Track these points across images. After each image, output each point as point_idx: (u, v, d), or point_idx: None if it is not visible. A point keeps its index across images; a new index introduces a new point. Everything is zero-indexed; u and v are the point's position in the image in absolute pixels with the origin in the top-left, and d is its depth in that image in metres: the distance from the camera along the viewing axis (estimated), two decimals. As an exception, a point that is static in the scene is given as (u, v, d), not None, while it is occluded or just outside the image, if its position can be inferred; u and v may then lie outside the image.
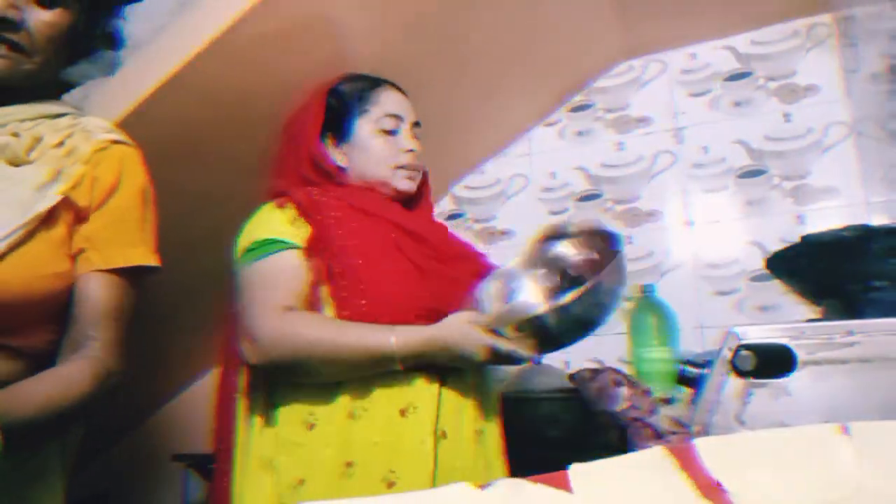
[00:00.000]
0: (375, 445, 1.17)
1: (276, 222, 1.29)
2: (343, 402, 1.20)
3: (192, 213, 1.95)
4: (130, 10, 1.71)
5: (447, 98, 2.08)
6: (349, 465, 1.16)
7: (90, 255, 1.06)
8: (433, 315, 1.24)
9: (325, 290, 1.24)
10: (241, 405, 1.31)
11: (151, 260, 1.13)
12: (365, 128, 1.40)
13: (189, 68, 1.54)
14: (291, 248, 1.26)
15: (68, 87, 1.71)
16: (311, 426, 1.20)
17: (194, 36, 1.52)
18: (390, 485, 1.15)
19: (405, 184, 1.40)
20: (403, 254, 1.29)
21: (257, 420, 1.27)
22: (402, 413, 1.20)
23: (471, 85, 2.13)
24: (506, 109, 2.39)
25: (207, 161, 1.83)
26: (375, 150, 1.39)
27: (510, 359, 1.19)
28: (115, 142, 1.16)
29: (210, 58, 1.53)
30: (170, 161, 1.76)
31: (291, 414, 1.23)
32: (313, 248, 1.25)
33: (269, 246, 1.26)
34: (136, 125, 1.59)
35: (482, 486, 0.50)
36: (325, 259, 1.24)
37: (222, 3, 1.51)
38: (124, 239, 1.10)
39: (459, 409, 1.26)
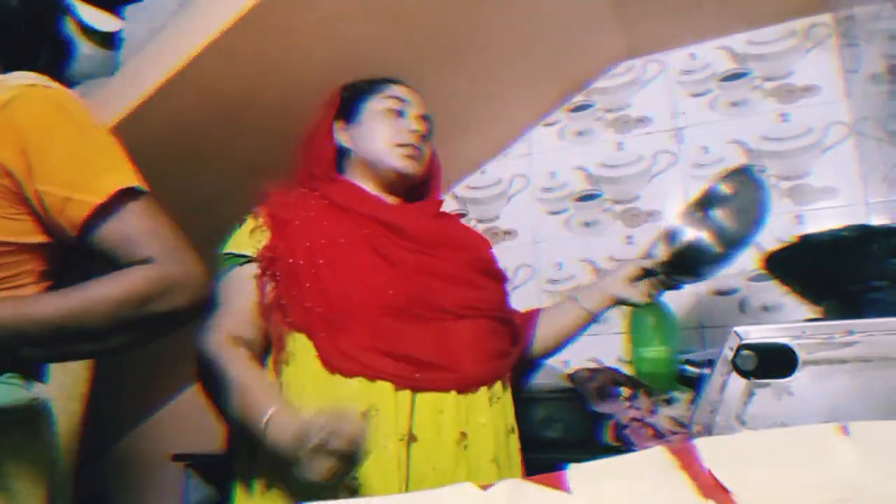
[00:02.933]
0: None
1: (239, 234, 1.32)
2: (308, 404, 1.16)
3: (192, 215, 1.94)
4: (131, 11, 1.71)
5: (448, 98, 2.08)
6: None
7: (83, 196, 0.94)
8: (404, 310, 1.21)
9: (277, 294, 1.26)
10: None
11: (139, 181, 0.99)
12: (372, 108, 1.40)
13: (189, 69, 1.54)
14: (245, 261, 1.27)
15: (68, 85, 1.71)
16: None
17: (194, 36, 1.52)
18: (361, 486, 1.12)
19: (403, 162, 1.36)
20: (374, 249, 1.27)
21: None
22: (364, 416, 1.14)
23: (471, 85, 2.13)
24: (506, 110, 2.40)
25: (207, 161, 1.83)
26: (379, 127, 1.38)
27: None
28: (33, 85, 0.98)
29: (210, 58, 1.53)
30: (170, 161, 1.77)
31: None
32: (265, 257, 1.26)
33: (228, 261, 1.29)
34: (135, 126, 1.59)
35: (484, 487, 0.50)
36: (278, 265, 1.25)
37: (222, 3, 1.51)
38: (105, 164, 0.98)
39: (437, 412, 1.20)
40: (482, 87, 2.17)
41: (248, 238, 1.29)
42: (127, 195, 0.96)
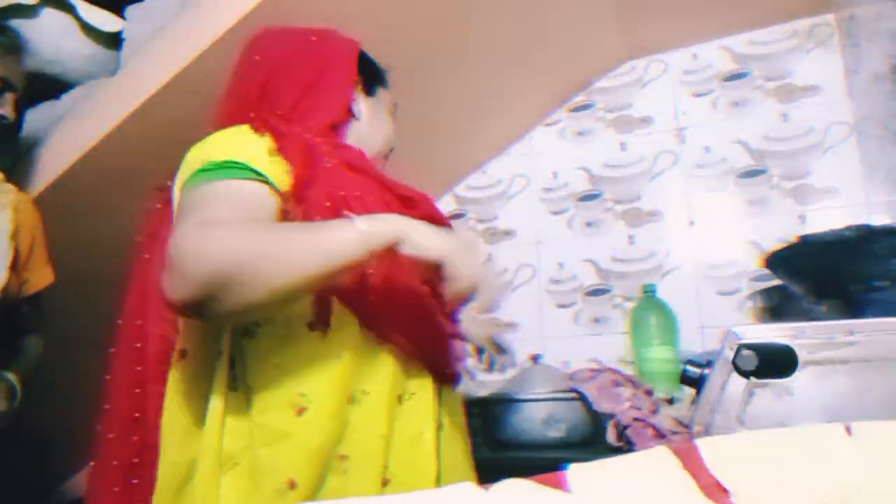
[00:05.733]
0: (379, 437, 0.99)
1: (248, 145, 1.02)
2: (342, 381, 0.99)
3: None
4: (132, 11, 1.71)
5: (449, 98, 2.08)
6: (343, 458, 0.98)
7: (34, 280, 1.57)
8: (421, 288, 1.08)
9: None
10: (178, 392, 1.03)
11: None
12: (384, 97, 1.30)
13: (190, 69, 1.54)
14: (262, 181, 0.97)
15: (69, 86, 1.72)
16: (302, 410, 0.97)
17: (196, 37, 1.52)
18: (385, 482, 0.99)
19: (381, 164, 1.27)
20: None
21: (216, 406, 0.98)
22: (399, 399, 1.04)
23: (472, 85, 2.13)
24: (507, 109, 2.39)
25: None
26: (386, 126, 1.29)
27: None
28: (18, 189, 1.56)
29: (212, 58, 1.53)
30: (172, 161, 1.76)
31: (275, 395, 0.98)
32: (298, 196, 1.00)
33: (233, 170, 0.97)
34: (137, 126, 1.60)
35: (485, 487, 0.50)
36: (312, 210, 1.00)
37: (224, 3, 1.51)
38: (45, 262, 1.61)
39: (455, 399, 1.14)
40: (483, 86, 2.17)
41: (267, 158, 1.00)
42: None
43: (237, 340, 1.01)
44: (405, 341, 1.05)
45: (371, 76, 1.28)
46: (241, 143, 1.02)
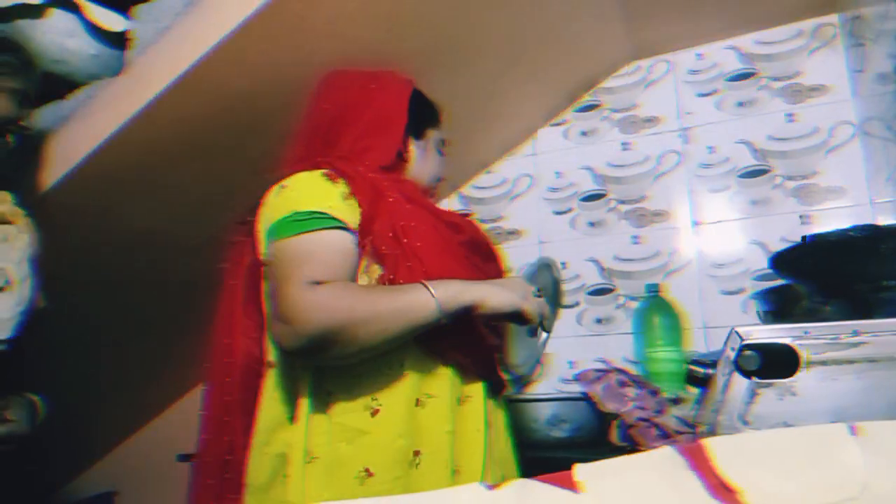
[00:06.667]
0: (447, 434, 1.17)
1: (326, 195, 1.19)
2: (408, 387, 1.17)
3: (197, 215, 1.95)
4: (137, 10, 1.71)
5: (453, 98, 2.08)
6: (417, 453, 1.15)
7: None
8: None
9: (370, 273, 1.20)
10: (269, 396, 1.23)
11: None
12: (433, 136, 1.48)
13: (196, 69, 1.54)
14: (342, 228, 1.16)
15: (74, 86, 1.72)
16: (375, 412, 1.14)
17: (201, 37, 1.52)
18: (455, 473, 1.17)
19: (430, 192, 1.49)
20: (449, 243, 1.29)
21: (303, 408, 1.17)
22: (461, 402, 1.23)
23: (477, 85, 2.13)
24: (512, 109, 2.40)
25: (213, 161, 1.83)
26: (433, 161, 1.47)
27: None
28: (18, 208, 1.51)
29: (217, 59, 1.53)
30: (176, 162, 1.77)
31: (351, 399, 1.16)
32: (366, 229, 1.18)
33: (318, 221, 1.15)
34: (142, 126, 1.60)
35: (493, 487, 0.51)
36: (377, 241, 1.18)
37: (229, 4, 1.51)
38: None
39: (501, 401, 1.35)
40: (488, 87, 2.18)
41: (343, 204, 1.19)
42: None
43: None
44: (456, 356, 1.23)
45: (421, 118, 1.46)
46: (321, 191, 1.20)
